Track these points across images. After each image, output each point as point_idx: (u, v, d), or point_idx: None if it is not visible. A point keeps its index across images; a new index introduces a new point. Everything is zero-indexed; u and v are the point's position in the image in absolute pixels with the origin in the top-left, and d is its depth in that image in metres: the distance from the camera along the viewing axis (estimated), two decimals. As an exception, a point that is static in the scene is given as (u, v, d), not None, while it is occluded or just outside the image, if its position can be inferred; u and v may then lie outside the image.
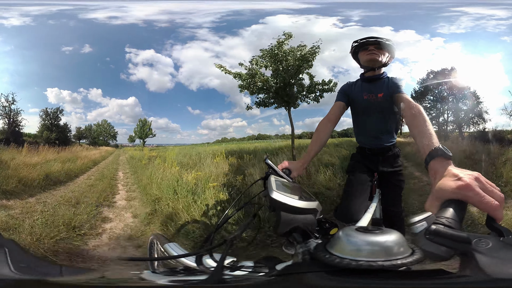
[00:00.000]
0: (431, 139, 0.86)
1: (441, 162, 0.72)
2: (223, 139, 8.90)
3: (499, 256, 0.44)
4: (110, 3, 5.68)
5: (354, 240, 0.46)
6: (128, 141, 9.85)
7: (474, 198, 0.57)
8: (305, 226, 0.64)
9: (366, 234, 0.46)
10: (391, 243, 0.45)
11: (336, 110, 1.62)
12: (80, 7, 5.64)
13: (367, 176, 1.66)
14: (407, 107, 1.18)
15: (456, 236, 0.48)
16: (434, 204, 0.61)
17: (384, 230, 0.48)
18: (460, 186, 0.59)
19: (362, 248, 0.45)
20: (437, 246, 0.48)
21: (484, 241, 0.46)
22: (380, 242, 0.45)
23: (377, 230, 0.48)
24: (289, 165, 1.20)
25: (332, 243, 0.50)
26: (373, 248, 0.45)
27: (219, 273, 0.56)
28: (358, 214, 1.49)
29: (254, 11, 5.73)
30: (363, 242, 0.45)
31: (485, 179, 0.60)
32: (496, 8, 5.51)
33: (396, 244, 0.46)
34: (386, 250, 0.45)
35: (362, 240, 0.46)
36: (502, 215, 0.56)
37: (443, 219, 0.52)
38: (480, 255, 0.44)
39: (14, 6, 5.35)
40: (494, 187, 0.59)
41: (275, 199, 0.64)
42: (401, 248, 0.46)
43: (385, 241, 0.45)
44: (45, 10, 5.50)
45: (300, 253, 0.58)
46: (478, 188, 0.58)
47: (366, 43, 1.55)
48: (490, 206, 0.55)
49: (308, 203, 0.66)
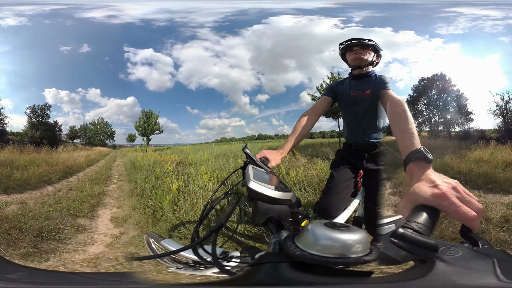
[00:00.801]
0: (412, 140, 0.83)
1: (420, 165, 0.70)
2: (223, 139, 8.79)
3: (468, 266, 0.42)
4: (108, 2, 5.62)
5: (317, 233, 0.46)
6: (127, 141, 9.02)
7: (449, 208, 0.55)
8: (280, 216, 0.65)
9: (331, 230, 0.46)
10: (351, 241, 0.45)
11: (321, 103, 1.64)
12: (74, 6, 5.55)
13: (350, 173, 1.67)
14: (391, 104, 1.17)
15: (423, 242, 0.47)
16: (406, 207, 0.60)
17: (351, 228, 0.48)
18: (435, 194, 0.57)
19: (321, 243, 0.45)
20: (398, 250, 0.48)
21: (453, 249, 0.45)
22: (340, 239, 0.45)
23: (343, 227, 0.47)
24: (267, 155, 1.19)
25: (299, 235, 0.50)
26: (332, 244, 0.45)
27: (220, 264, 0.58)
28: (336, 211, 1.49)
29: (260, 11, 5.73)
30: (323, 237, 0.45)
31: (463, 188, 0.58)
32: (493, 8, 5.60)
33: (356, 243, 0.45)
34: (343, 247, 0.45)
35: (324, 234, 0.46)
36: (479, 226, 0.54)
37: (412, 224, 0.52)
38: (441, 263, 0.43)
39: (5, 5, 5.26)
40: (472, 197, 0.57)
41: (252, 188, 0.64)
42: (360, 247, 0.45)
43: (346, 239, 0.45)
44: (38, 10, 5.42)
45: (272, 243, 0.59)
46: (454, 197, 0.56)
47: (351, 44, 1.62)
48: (465, 217, 0.54)
49: (283, 194, 0.66)
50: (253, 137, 8.46)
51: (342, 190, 1.59)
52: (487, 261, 0.43)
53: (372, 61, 1.61)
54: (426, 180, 0.62)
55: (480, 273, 0.41)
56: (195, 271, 0.73)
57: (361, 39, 1.59)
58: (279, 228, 0.62)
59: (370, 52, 1.60)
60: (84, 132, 8.66)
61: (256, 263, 0.52)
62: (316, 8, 5.81)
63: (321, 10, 5.89)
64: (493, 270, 0.41)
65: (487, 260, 0.43)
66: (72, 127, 8.36)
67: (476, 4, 5.83)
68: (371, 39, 1.60)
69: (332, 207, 1.52)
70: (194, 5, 5.76)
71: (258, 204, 0.64)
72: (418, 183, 0.62)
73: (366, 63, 1.60)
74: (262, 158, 1.16)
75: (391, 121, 1.06)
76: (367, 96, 1.58)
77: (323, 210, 1.53)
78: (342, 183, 1.61)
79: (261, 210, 0.64)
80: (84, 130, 8.72)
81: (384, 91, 1.43)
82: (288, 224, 0.67)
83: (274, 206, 0.65)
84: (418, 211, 0.57)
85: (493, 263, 0.42)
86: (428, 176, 0.63)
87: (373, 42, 1.60)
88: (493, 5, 5.71)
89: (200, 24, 5.92)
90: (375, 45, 1.60)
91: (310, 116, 1.51)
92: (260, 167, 0.98)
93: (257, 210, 0.64)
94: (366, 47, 1.60)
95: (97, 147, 8.69)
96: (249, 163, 0.99)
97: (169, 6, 5.77)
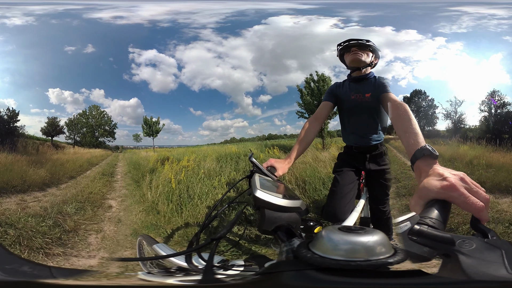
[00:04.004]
0: (417, 138, 0.85)
1: (427, 161, 0.71)
2: (232, 139, 8.85)
3: (482, 257, 0.43)
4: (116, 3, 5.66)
5: (335, 239, 0.46)
6: (134, 140, 7.35)
7: (459, 198, 0.56)
8: (289, 224, 0.64)
9: (348, 234, 0.46)
10: (373, 243, 0.45)
11: (323, 109, 1.65)
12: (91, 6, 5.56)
13: (354, 175, 1.68)
14: (393, 107, 1.19)
15: (440, 237, 0.48)
16: (418, 203, 0.61)
17: (367, 230, 0.48)
18: (444, 186, 0.58)
19: (342, 247, 0.45)
20: (420, 247, 0.48)
21: (468, 242, 0.46)
22: (361, 242, 0.45)
23: (359, 229, 0.47)
24: (274, 163, 1.19)
25: (314, 242, 0.49)
26: (354, 247, 0.44)
27: (210, 272, 0.57)
28: (344, 214, 1.50)
29: (258, 12, 5.76)
30: (343, 241, 0.45)
31: (470, 179, 0.60)
32: (497, 7, 5.58)
33: (378, 244, 0.45)
34: (367, 250, 0.44)
35: (342, 239, 0.46)
36: (487, 216, 0.55)
37: (427, 219, 0.53)
38: (463, 256, 0.44)
39: (18, 5, 5.31)
40: (479, 188, 0.58)
41: (259, 197, 0.64)
42: (383, 248, 0.45)
43: (367, 241, 0.45)
44: (51, 9, 5.46)
45: (284, 251, 0.58)
46: (463, 188, 0.57)
47: (348, 45, 1.62)
48: (474, 207, 0.55)
49: (292, 202, 0.66)
50: (263, 137, 8.46)
51: (347, 193, 1.60)
52: (497, 253, 0.44)
53: (370, 62, 1.62)
54: (434, 175, 0.63)
55: (493, 264, 0.42)
56: (184, 277, 0.72)
57: (359, 40, 1.59)
58: (289, 236, 0.62)
59: (368, 53, 1.61)
60: (72, 128, 6.65)
61: (268, 271, 0.51)
62: (315, 8, 5.83)
63: (320, 10, 5.91)
64: (503, 262, 0.42)
65: (497, 252, 0.44)
66: (52, 119, 6.23)
67: (482, 3, 5.81)
68: (369, 40, 1.60)
69: (340, 210, 1.53)
70: (196, 6, 5.80)
71: (265, 212, 0.64)
72: (427, 178, 0.63)
73: (364, 65, 1.60)
74: (269, 167, 1.16)
75: (395, 124, 1.08)
76: (367, 99, 1.59)
77: (330, 214, 1.55)
78: (346, 186, 1.62)
79: (268, 218, 0.63)
80: (73, 125, 6.68)
81: (385, 94, 1.45)
82: (300, 231, 0.66)
83: (282, 214, 0.64)
84: (429, 207, 0.57)
85: (501, 254, 0.43)
86: (436, 170, 0.64)
87: (371, 42, 1.60)
88: (499, 4, 5.69)
89: (202, 25, 5.95)
90: (373, 46, 1.60)
91: (313, 123, 1.55)
92: (267, 176, 0.98)
93: (264, 219, 0.63)
94: (364, 48, 1.60)
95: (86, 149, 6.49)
96: (255, 172, 0.99)
97: (175, 7, 5.81)
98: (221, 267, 0.67)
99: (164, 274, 0.78)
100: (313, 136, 1.50)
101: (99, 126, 7.11)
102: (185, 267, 0.70)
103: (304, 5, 5.75)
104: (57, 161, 4.63)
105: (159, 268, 0.93)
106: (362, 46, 1.59)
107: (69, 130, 6.62)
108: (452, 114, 6.66)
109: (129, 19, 5.64)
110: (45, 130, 6.15)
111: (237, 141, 8.37)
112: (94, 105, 7.02)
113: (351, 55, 1.60)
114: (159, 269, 0.89)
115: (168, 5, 5.86)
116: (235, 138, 8.45)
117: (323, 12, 5.85)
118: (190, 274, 0.69)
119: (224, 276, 0.64)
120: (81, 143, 6.70)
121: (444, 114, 6.76)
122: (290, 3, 5.85)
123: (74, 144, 6.55)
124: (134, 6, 5.67)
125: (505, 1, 5.70)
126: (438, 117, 6.94)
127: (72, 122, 6.66)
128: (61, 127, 6.20)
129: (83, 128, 6.79)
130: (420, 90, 7.28)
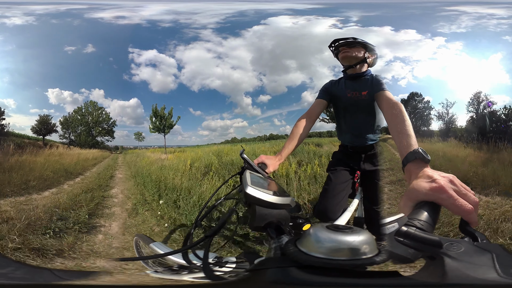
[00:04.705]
0: (409, 140, 0.84)
1: (418, 165, 0.71)
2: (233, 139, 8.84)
3: (471, 260, 0.43)
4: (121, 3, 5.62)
5: (321, 237, 0.46)
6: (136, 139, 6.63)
7: (447, 200, 0.56)
8: (279, 221, 0.65)
9: (334, 232, 0.46)
10: (357, 243, 0.45)
11: (316, 107, 1.63)
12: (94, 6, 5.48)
13: (348, 174, 1.68)
14: (388, 106, 1.19)
15: (427, 239, 0.48)
16: (407, 205, 0.61)
17: (354, 229, 0.48)
18: (433, 188, 0.58)
19: (326, 245, 0.45)
20: (405, 248, 0.48)
21: (456, 245, 0.45)
22: (346, 241, 0.45)
23: (347, 229, 0.47)
24: (265, 160, 1.19)
25: (301, 239, 0.50)
26: (337, 246, 0.45)
27: (209, 270, 0.58)
28: (334, 213, 1.50)
29: (257, 12, 5.76)
30: (328, 240, 0.45)
31: (460, 182, 0.59)
32: (496, 7, 5.58)
33: (362, 244, 0.45)
34: (350, 249, 0.45)
35: (328, 237, 0.46)
36: (476, 220, 0.55)
37: (415, 221, 0.52)
38: (449, 259, 0.43)
39: (19, 4, 5.29)
40: (468, 191, 0.58)
41: (249, 194, 0.64)
42: (367, 248, 0.45)
43: (352, 240, 0.45)
44: (52, 9, 5.42)
45: (273, 248, 0.58)
46: (451, 190, 0.57)
47: (338, 45, 1.61)
48: (463, 210, 0.54)
49: (282, 199, 0.66)
50: (264, 137, 8.41)
51: (339, 192, 1.60)
52: (487, 256, 0.44)
53: (363, 57, 1.59)
54: (424, 177, 0.63)
55: (482, 268, 0.42)
56: (182, 276, 0.73)
57: (346, 38, 1.58)
58: (279, 233, 0.62)
59: (359, 50, 1.59)
60: (67, 126, 5.99)
61: (256, 268, 0.52)
62: (314, 8, 5.82)
63: (319, 10, 5.90)
64: (493, 265, 0.42)
65: (487, 255, 0.44)
66: (44, 116, 5.59)
67: (481, 3, 5.81)
68: (356, 37, 1.59)
69: (330, 209, 1.54)
70: (197, 6, 5.79)
71: (256, 209, 0.64)
72: (416, 180, 0.64)
73: (356, 61, 1.58)
74: (260, 164, 1.17)
75: (389, 123, 1.07)
76: (363, 97, 1.57)
77: (321, 212, 1.55)
78: (339, 185, 1.62)
79: (259, 215, 0.64)
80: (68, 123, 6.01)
81: (380, 92, 1.43)
82: (289, 228, 0.67)
83: (272, 211, 0.65)
84: (418, 208, 0.57)
85: (492, 258, 0.43)
86: (425, 172, 0.65)
87: (359, 39, 1.58)
88: (498, 4, 5.69)
89: (202, 26, 5.95)
90: (362, 42, 1.58)
91: (306, 121, 1.52)
92: (258, 173, 0.98)
93: (255, 215, 0.64)
94: (352, 45, 1.58)
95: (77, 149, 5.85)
96: (246, 168, 0.99)
97: (176, 7, 5.80)
98: (216, 264, 0.68)
99: (171, 272, 0.78)
100: (305, 134, 1.49)
101: (96, 124, 6.37)
102: (185, 265, 0.71)
103: (303, 4, 5.75)
104: (16, 165, 3.18)
105: (161, 267, 0.94)
106: (349, 44, 1.58)
107: (63, 129, 5.92)
108: (444, 115, 6.99)
109: (131, 19, 5.62)
110: (36, 129, 5.54)
111: (238, 141, 8.37)
112: (91, 101, 6.21)
113: (341, 54, 1.60)
114: (164, 268, 0.90)
115: (172, 5, 5.84)
116: (236, 138, 8.45)
117: (322, 12, 5.85)
118: (193, 271, 0.70)
119: (221, 273, 0.65)
120: (76, 143, 6.05)
121: (436, 116, 7.10)
122: (289, 3, 5.85)
123: (69, 143, 5.86)
124: (138, 6, 5.64)
125: (505, 0, 5.70)
126: (433, 118, 7.23)
127: (67, 120, 5.99)
128: (52, 125, 5.55)
129: (78, 126, 6.05)
130: (417, 93, 7.49)
